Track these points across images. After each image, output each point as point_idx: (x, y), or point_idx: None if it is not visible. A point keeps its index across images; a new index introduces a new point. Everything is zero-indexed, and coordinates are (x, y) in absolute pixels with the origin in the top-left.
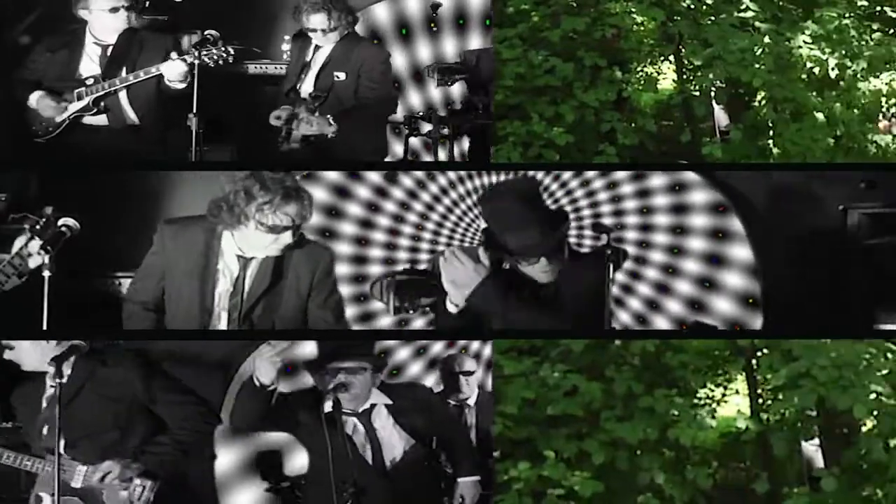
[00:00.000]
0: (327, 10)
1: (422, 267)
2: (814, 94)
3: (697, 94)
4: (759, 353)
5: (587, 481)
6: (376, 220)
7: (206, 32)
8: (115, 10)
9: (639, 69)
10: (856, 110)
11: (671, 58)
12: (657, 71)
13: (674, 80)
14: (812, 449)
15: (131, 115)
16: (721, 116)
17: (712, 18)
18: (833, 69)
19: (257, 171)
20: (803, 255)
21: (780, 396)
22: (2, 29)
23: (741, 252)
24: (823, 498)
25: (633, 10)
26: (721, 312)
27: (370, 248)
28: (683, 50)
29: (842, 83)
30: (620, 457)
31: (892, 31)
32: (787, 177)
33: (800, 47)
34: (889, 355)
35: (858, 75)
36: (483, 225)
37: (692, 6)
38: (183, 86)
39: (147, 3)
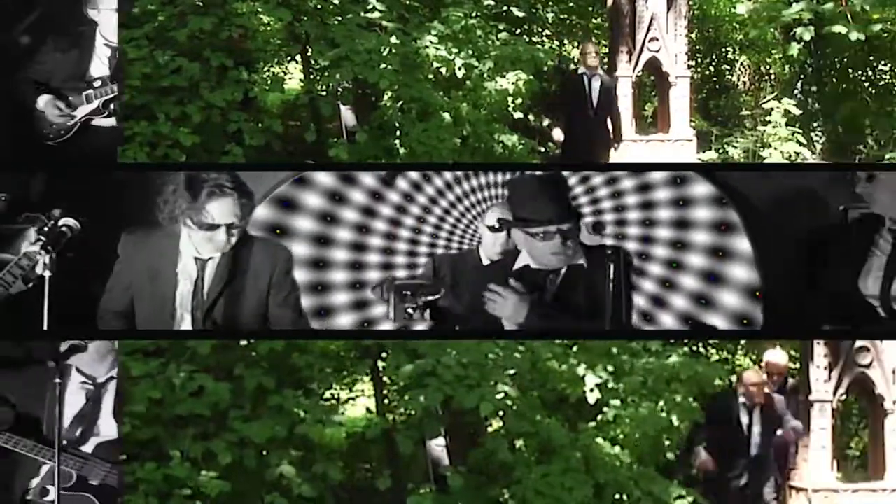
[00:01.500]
0: None
1: (420, 270)
2: (441, 93)
3: (324, 94)
4: (383, 354)
5: (213, 481)
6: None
7: None
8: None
9: (266, 69)
10: (483, 110)
11: (298, 58)
12: (284, 71)
13: (301, 81)
14: (438, 448)
15: None
16: (348, 117)
17: (339, 19)
18: (460, 69)
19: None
20: (803, 255)
21: (407, 396)
22: (2, 29)
23: (741, 271)
24: (449, 497)
25: (260, 10)
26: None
27: (368, 247)
28: (310, 50)
29: (468, 83)
30: (248, 455)
31: (518, 30)
32: (788, 177)
33: (427, 47)
34: (517, 355)
35: (485, 75)
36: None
37: (319, 6)
38: None
39: None
